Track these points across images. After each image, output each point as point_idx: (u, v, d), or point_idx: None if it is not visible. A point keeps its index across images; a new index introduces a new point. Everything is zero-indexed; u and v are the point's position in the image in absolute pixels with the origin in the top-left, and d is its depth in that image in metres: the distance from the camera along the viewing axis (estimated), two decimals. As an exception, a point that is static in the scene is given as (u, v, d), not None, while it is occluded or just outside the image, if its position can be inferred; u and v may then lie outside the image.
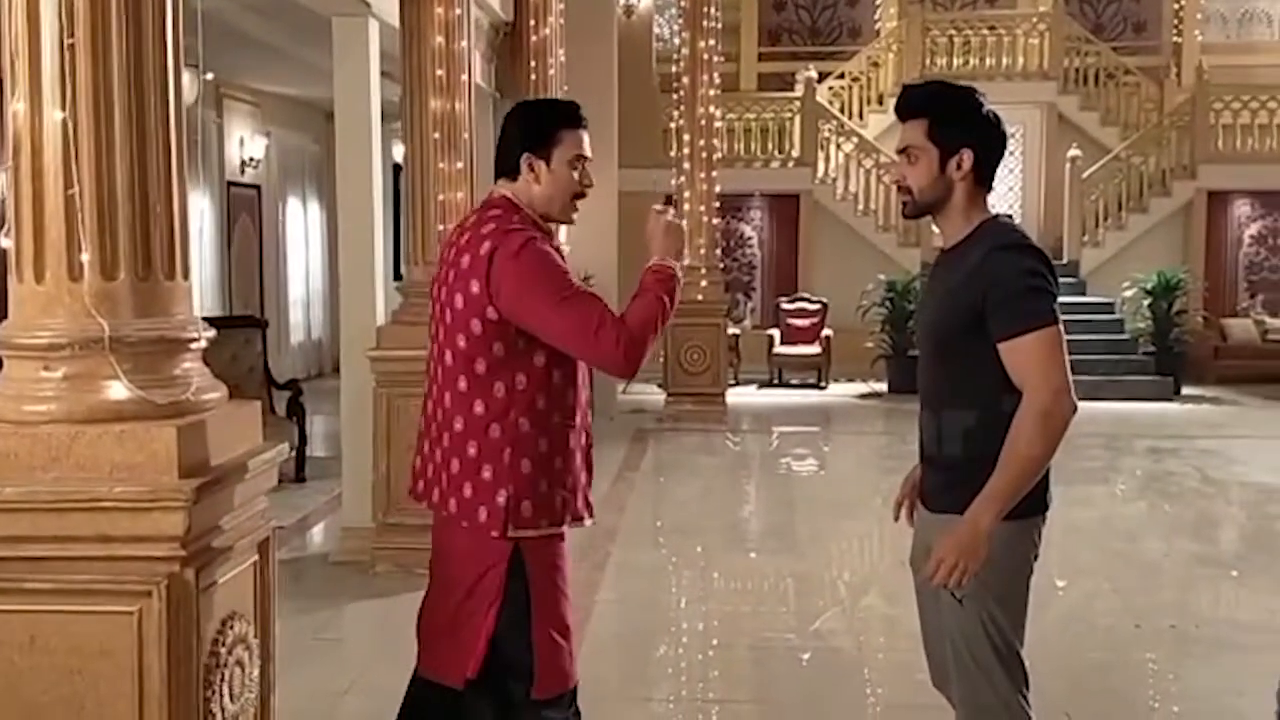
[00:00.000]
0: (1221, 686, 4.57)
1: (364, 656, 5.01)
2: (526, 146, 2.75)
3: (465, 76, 5.69)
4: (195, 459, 2.37)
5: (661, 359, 11.04)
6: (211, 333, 2.59)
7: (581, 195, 2.82)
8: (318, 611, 5.63)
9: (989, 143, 2.71)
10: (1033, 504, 2.63)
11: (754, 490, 8.50)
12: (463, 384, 2.73)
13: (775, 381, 13.69)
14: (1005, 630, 2.65)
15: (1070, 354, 2.60)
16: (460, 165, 5.69)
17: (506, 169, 2.80)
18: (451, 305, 2.72)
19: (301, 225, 13.73)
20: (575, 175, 2.78)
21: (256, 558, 2.72)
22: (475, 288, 2.65)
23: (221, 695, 2.49)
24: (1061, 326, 2.59)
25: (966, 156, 2.67)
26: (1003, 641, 2.64)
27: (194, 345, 2.51)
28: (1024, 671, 2.69)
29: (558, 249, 2.78)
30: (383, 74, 6.32)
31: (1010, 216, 2.82)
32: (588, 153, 2.80)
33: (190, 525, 2.31)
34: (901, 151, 2.76)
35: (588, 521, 2.84)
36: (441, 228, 5.69)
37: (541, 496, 2.69)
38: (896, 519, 2.99)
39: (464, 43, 5.66)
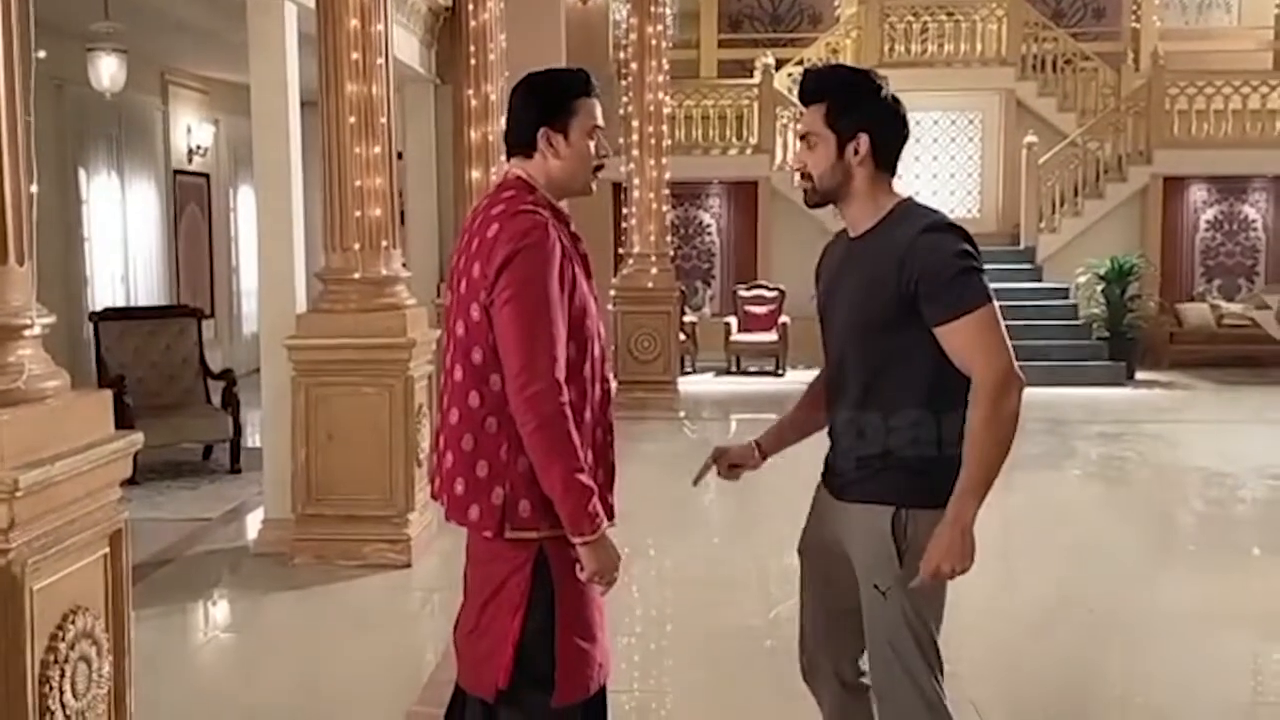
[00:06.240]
0: (1137, 673, 4.56)
1: (267, 649, 4.94)
2: (543, 120, 2.61)
3: (382, 60, 5.61)
4: (24, 449, 2.30)
5: (613, 347, 10.98)
6: (50, 319, 2.50)
7: (600, 167, 2.69)
8: (233, 603, 5.58)
9: (887, 127, 2.63)
10: (946, 492, 2.57)
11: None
12: (459, 374, 2.58)
13: (733, 369, 13.65)
14: (926, 619, 2.62)
15: (1024, 340, 2.57)
16: (378, 150, 5.61)
17: (520, 146, 2.65)
18: (458, 290, 2.61)
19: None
20: (593, 146, 2.65)
21: (107, 550, 2.65)
22: (477, 270, 2.52)
23: (62, 692, 2.43)
24: (996, 303, 2.55)
25: (863, 142, 2.60)
26: (924, 631, 2.62)
27: (27, 333, 2.43)
28: (939, 658, 2.67)
29: (574, 237, 2.64)
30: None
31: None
32: (601, 122, 2.68)
33: (14, 517, 2.25)
34: (802, 137, 2.69)
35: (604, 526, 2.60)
36: (359, 214, 5.62)
37: (541, 497, 2.51)
38: (696, 483, 2.97)
39: (380, 25, 5.58)
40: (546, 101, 2.63)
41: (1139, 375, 12.90)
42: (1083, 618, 5.16)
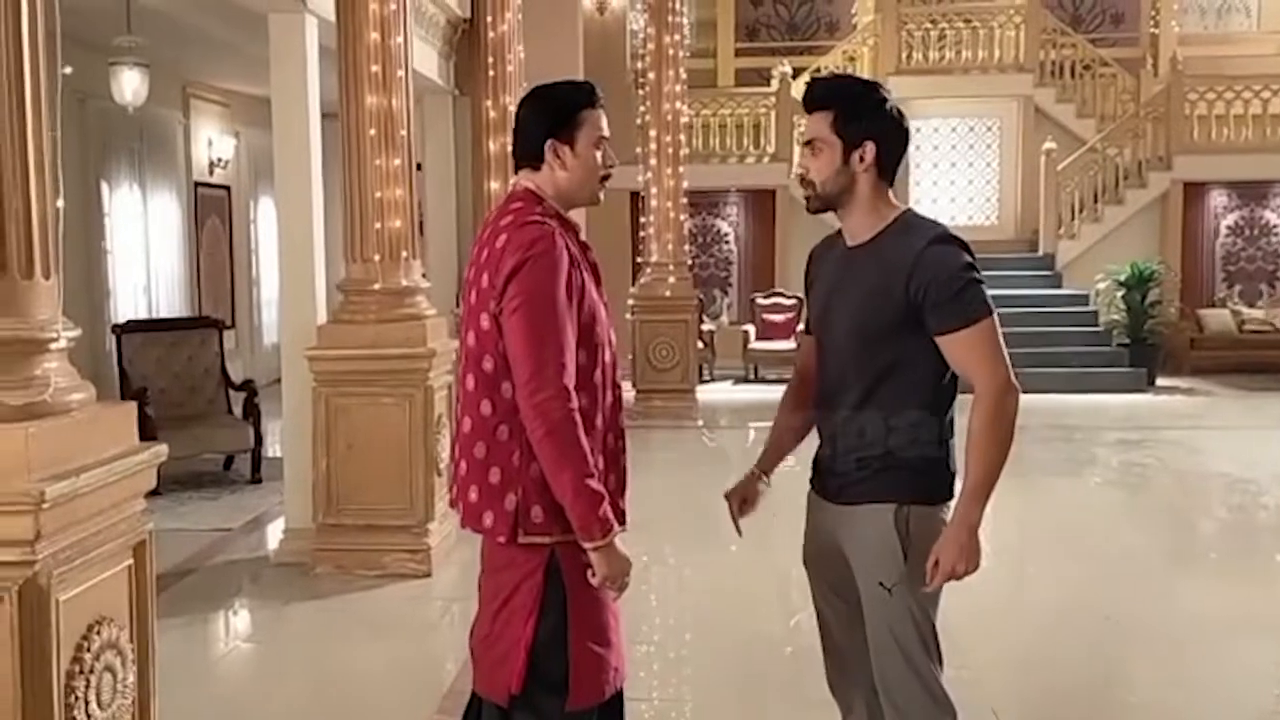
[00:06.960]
0: (1156, 680, 4.54)
1: (288, 659, 4.96)
2: (550, 132, 2.64)
3: (402, 72, 5.65)
4: (50, 461, 2.33)
5: (630, 356, 10.99)
6: (75, 333, 2.53)
7: (607, 177, 2.73)
8: (254, 613, 5.61)
9: (891, 137, 2.70)
10: (941, 490, 2.69)
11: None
12: (470, 382, 2.63)
13: (751, 377, 13.65)
14: (928, 613, 2.70)
15: (1044, 347, 2.62)
16: (398, 162, 5.65)
17: (528, 158, 2.69)
18: (469, 301, 2.65)
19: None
20: (599, 157, 2.68)
21: (131, 561, 2.67)
22: (486, 280, 2.57)
23: (87, 702, 2.45)
24: (995, 314, 2.64)
25: (869, 150, 2.66)
26: (927, 624, 2.69)
27: (54, 346, 2.46)
28: (939, 649, 2.72)
29: (583, 245, 2.68)
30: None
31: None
32: (607, 133, 2.71)
33: (40, 529, 2.27)
34: (806, 144, 2.75)
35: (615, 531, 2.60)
36: (379, 225, 5.66)
37: (553, 502, 2.54)
38: (736, 517, 3.05)
39: (400, 38, 5.62)
40: (553, 114, 2.67)
41: (1160, 382, 12.85)
42: (1102, 624, 5.14)
